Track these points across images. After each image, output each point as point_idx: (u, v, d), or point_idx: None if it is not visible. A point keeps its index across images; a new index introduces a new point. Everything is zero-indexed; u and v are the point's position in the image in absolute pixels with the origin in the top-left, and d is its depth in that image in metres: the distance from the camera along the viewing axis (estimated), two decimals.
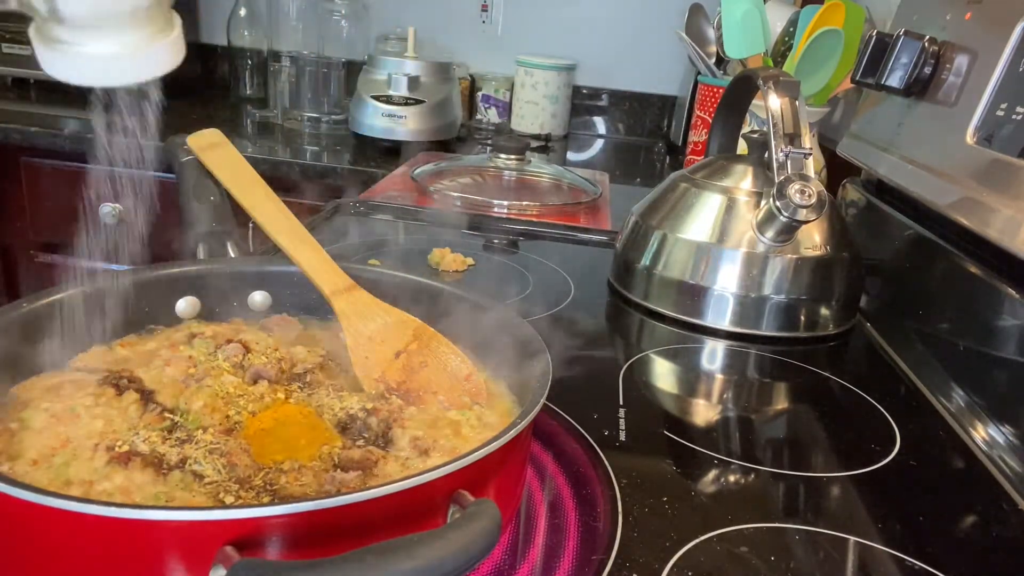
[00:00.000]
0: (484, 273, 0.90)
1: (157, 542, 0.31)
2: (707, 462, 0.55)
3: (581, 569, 0.42)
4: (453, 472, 0.34)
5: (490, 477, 0.39)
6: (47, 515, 0.31)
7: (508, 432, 0.37)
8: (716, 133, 0.93)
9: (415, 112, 1.57)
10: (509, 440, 0.37)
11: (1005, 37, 0.69)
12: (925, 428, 0.64)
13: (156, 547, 0.31)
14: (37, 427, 0.41)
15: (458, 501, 0.35)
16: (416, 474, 0.33)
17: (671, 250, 0.80)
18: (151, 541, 0.31)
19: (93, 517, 0.30)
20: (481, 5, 1.93)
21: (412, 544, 0.29)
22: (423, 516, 0.35)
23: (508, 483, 0.42)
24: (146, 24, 0.35)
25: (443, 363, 0.52)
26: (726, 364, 0.75)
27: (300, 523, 0.32)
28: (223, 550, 0.30)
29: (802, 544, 0.47)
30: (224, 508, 0.33)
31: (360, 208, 1.09)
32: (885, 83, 0.84)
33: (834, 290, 0.79)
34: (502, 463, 0.40)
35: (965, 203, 0.68)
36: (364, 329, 0.52)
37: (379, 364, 0.51)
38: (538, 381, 0.44)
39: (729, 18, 1.21)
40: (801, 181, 0.71)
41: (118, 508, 0.31)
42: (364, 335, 0.52)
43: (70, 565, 0.32)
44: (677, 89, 1.89)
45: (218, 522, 0.30)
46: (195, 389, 0.46)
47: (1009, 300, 0.64)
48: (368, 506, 0.32)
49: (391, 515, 0.34)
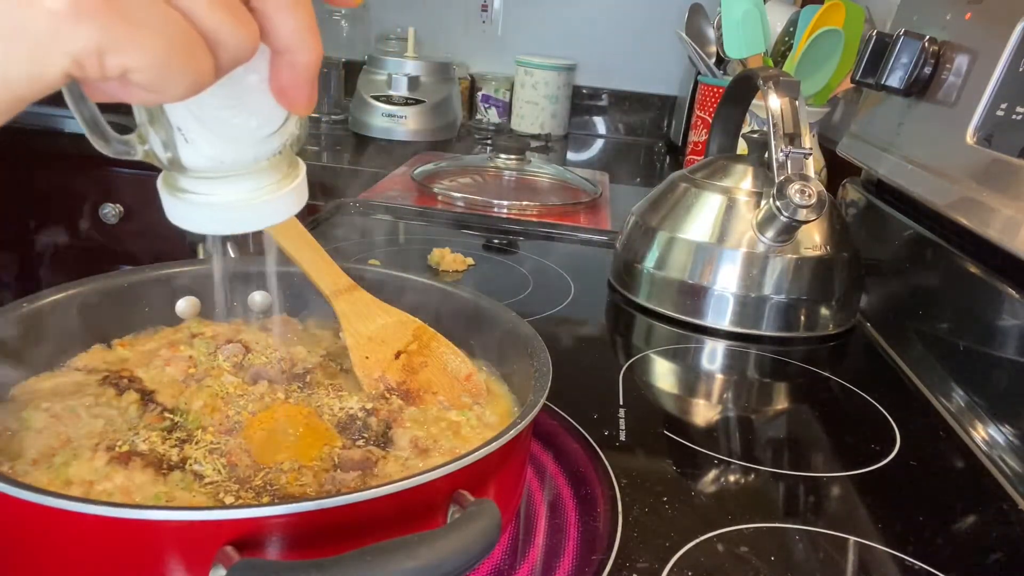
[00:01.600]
0: (484, 273, 0.90)
1: (157, 542, 0.31)
2: (707, 462, 0.55)
3: (581, 569, 0.42)
4: (453, 472, 0.34)
5: (490, 477, 0.39)
6: (47, 515, 0.31)
7: (508, 432, 0.37)
8: (716, 133, 0.93)
9: (415, 112, 1.57)
10: (509, 440, 0.37)
11: (1005, 37, 0.69)
12: (925, 428, 0.64)
13: (156, 547, 0.31)
14: (37, 427, 0.41)
15: (458, 501, 0.35)
16: (416, 474, 0.33)
17: (671, 250, 0.80)
18: (151, 541, 0.31)
19: (93, 517, 0.30)
20: (481, 5, 1.93)
21: (412, 544, 0.29)
22: (423, 516, 0.35)
23: (508, 483, 0.42)
24: (270, 172, 0.34)
25: (443, 363, 0.52)
26: (726, 364, 0.75)
27: (300, 523, 0.32)
28: (223, 550, 0.30)
29: (802, 544, 0.47)
30: (224, 508, 0.33)
31: (360, 208, 1.09)
32: (885, 83, 0.84)
33: (834, 290, 0.79)
34: (502, 463, 0.40)
35: (965, 203, 0.68)
36: (364, 330, 0.52)
37: (379, 364, 0.51)
38: (538, 382, 0.44)
39: (729, 18, 1.21)
40: (801, 181, 0.71)
41: (118, 508, 0.31)
42: (364, 335, 0.52)
43: (70, 565, 0.32)
44: (677, 89, 1.89)
45: (218, 522, 0.30)
46: (195, 389, 0.46)
47: (1009, 300, 0.64)
48: (368, 506, 0.32)
49: (391, 515, 0.34)
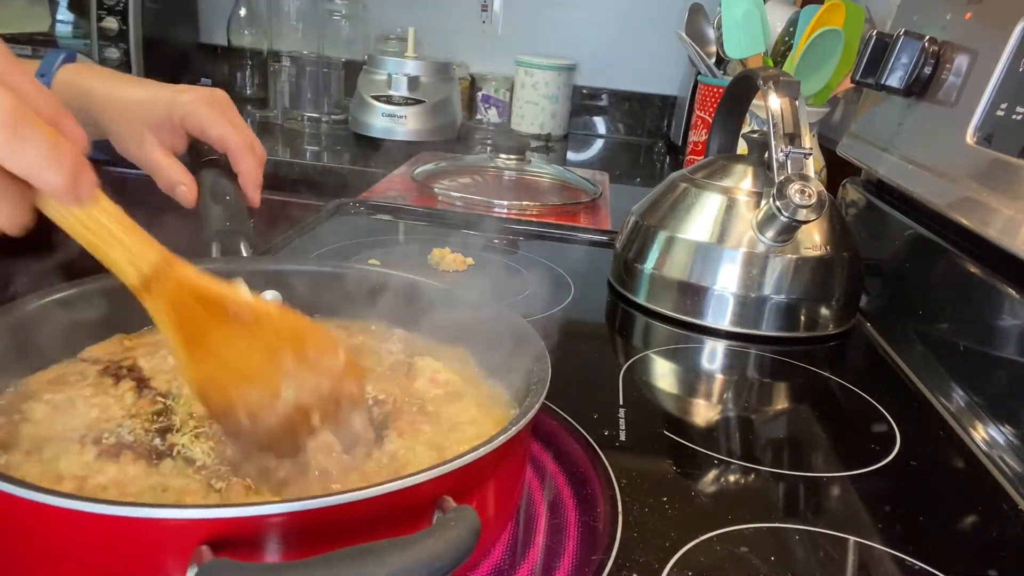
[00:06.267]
0: (484, 273, 0.90)
1: (133, 539, 0.31)
2: (707, 462, 0.55)
3: (581, 569, 0.42)
4: (436, 478, 0.33)
5: (479, 482, 0.38)
6: (23, 507, 0.31)
7: (496, 438, 0.36)
8: (716, 133, 0.93)
9: (415, 112, 1.57)
10: (499, 446, 0.36)
11: (1005, 37, 0.69)
12: (925, 428, 0.64)
13: (133, 544, 0.31)
14: (36, 418, 0.42)
15: (441, 507, 0.34)
16: (397, 479, 0.33)
17: (671, 250, 0.80)
18: (128, 537, 0.31)
19: (68, 511, 0.30)
20: (481, 5, 1.93)
21: (383, 550, 0.28)
22: (406, 521, 0.34)
23: (502, 488, 0.42)
24: None
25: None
26: (726, 364, 0.75)
27: (277, 523, 0.31)
28: (199, 549, 0.29)
29: (802, 544, 0.47)
30: (198, 508, 0.32)
31: (360, 208, 1.09)
32: (885, 83, 0.84)
33: (834, 290, 0.79)
34: (495, 468, 0.39)
35: (965, 203, 0.68)
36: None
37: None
38: (535, 386, 0.43)
39: (729, 18, 1.21)
40: (801, 181, 0.71)
41: (93, 503, 0.30)
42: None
43: (46, 558, 0.32)
44: (677, 89, 1.89)
45: (192, 521, 0.30)
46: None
47: (1009, 300, 0.64)
48: (346, 509, 0.32)
49: (371, 519, 0.33)
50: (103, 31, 1.62)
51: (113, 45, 1.63)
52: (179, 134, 0.60)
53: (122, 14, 1.61)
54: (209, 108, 0.58)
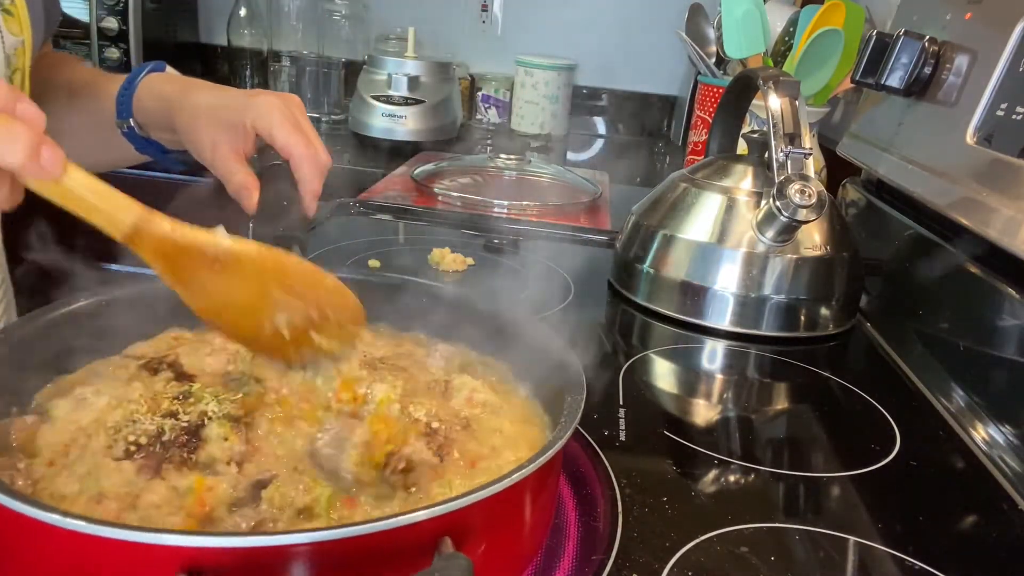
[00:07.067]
0: (484, 273, 0.90)
1: (111, 560, 0.31)
2: (707, 462, 0.55)
3: (581, 569, 0.42)
4: (428, 519, 0.32)
5: (487, 525, 0.36)
6: (12, 520, 0.31)
7: (504, 480, 0.34)
8: (716, 133, 0.93)
9: (415, 112, 1.57)
10: (499, 491, 0.34)
11: (1005, 37, 0.69)
12: (925, 428, 0.64)
13: (111, 566, 0.31)
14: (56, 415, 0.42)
15: (440, 550, 0.33)
16: (383, 518, 0.31)
17: (671, 250, 0.80)
18: (106, 559, 0.31)
19: (45, 525, 0.30)
20: (481, 5, 1.93)
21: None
22: (403, 560, 0.33)
23: (515, 530, 0.39)
24: None
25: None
26: (726, 364, 0.75)
27: (262, 554, 0.31)
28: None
29: (802, 544, 0.47)
30: (178, 534, 0.32)
31: (360, 208, 1.09)
32: (885, 83, 0.84)
33: (834, 290, 0.79)
34: (503, 511, 0.37)
35: (965, 203, 0.68)
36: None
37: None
38: (565, 417, 0.40)
39: (729, 18, 1.21)
40: (801, 181, 0.71)
41: (74, 520, 0.30)
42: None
43: (18, 572, 0.33)
44: (677, 89, 1.89)
45: (171, 547, 0.30)
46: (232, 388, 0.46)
47: (1009, 300, 0.64)
48: (330, 546, 0.31)
49: (363, 556, 0.32)
50: (103, 31, 1.62)
51: (113, 45, 1.63)
52: (250, 138, 0.59)
53: (122, 14, 1.61)
54: (279, 113, 0.58)
